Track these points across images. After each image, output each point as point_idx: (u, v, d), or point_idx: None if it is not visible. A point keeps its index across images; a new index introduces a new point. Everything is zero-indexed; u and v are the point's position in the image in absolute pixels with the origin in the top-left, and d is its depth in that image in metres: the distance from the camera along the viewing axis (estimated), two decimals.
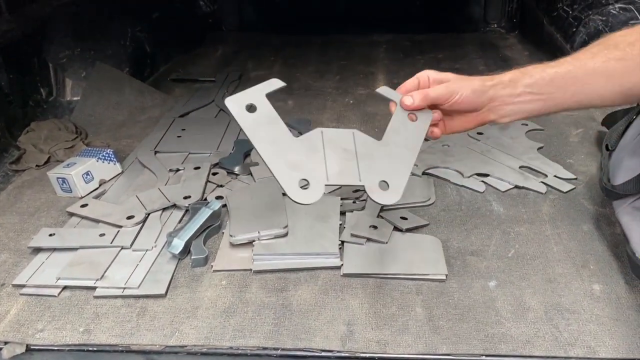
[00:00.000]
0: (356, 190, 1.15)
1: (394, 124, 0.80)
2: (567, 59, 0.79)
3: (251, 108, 0.74)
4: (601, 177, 1.05)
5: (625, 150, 1.02)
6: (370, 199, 0.75)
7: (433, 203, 1.14)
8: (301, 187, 0.72)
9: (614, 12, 1.63)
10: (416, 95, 0.79)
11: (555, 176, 1.20)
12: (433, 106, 0.82)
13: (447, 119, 0.85)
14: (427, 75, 0.82)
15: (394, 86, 1.87)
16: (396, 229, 1.04)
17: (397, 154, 0.78)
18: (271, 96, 0.79)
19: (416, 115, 0.80)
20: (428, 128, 0.81)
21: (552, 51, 1.94)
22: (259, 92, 0.75)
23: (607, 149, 1.10)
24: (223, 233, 1.07)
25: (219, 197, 1.16)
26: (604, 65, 0.76)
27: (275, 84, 0.78)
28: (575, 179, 1.19)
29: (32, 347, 0.83)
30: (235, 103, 0.74)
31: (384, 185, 0.75)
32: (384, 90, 0.82)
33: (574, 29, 1.76)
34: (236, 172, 1.27)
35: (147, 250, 1.02)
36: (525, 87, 0.78)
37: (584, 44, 1.70)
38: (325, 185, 0.73)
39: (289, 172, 0.73)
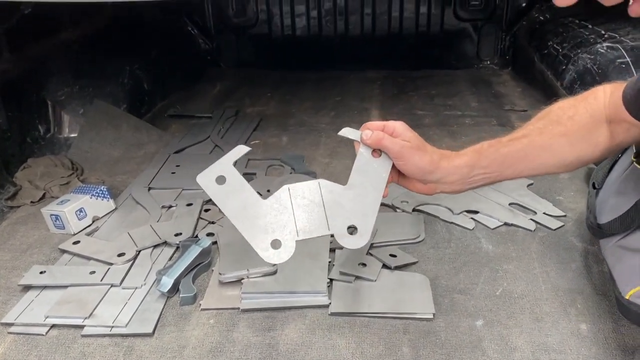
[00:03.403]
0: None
1: (359, 162, 0.80)
2: (518, 135, 0.84)
3: (220, 179, 0.77)
4: (588, 216, 1.06)
5: (611, 189, 1.03)
6: (340, 244, 0.77)
7: (423, 240, 1.14)
8: (273, 248, 0.76)
9: (602, 50, 1.66)
10: (374, 135, 0.79)
11: (544, 213, 1.21)
12: None
13: (400, 175, 0.85)
14: (394, 126, 0.81)
15: (387, 121, 1.88)
16: (385, 266, 1.04)
17: (363, 195, 0.79)
18: (266, 132, 0.80)
19: (380, 152, 0.80)
20: (391, 165, 0.80)
21: (543, 88, 1.97)
22: (226, 163, 0.78)
23: (593, 187, 1.11)
24: (213, 270, 1.07)
25: (210, 234, 1.17)
26: (549, 142, 0.83)
27: (241, 150, 0.79)
28: (565, 216, 1.20)
29: None
30: (205, 178, 0.78)
31: (353, 229, 0.78)
32: (346, 131, 0.82)
33: (564, 67, 1.80)
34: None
35: (136, 288, 1.02)
36: (480, 169, 0.82)
37: (573, 81, 1.74)
38: (296, 241, 0.76)
39: (260, 236, 0.76)
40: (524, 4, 2.41)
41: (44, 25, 1.69)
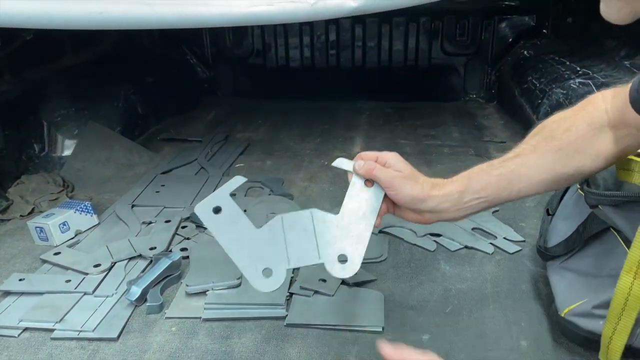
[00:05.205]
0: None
1: (351, 192, 0.82)
2: (510, 155, 0.82)
3: (216, 210, 0.80)
4: (538, 240, 1.11)
5: (561, 214, 1.09)
6: (331, 274, 0.79)
7: (385, 260, 1.20)
8: (265, 276, 0.78)
9: (574, 86, 1.73)
10: (365, 165, 0.81)
11: (504, 238, 1.26)
12: None
13: (395, 205, 0.85)
14: (387, 156, 0.83)
15: (370, 148, 1.96)
16: (344, 282, 1.09)
17: (355, 225, 0.80)
18: (252, 156, 0.83)
19: (372, 182, 0.82)
20: (383, 195, 0.81)
21: (523, 121, 2.04)
22: (223, 193, 0.81)
23: (547, 213, 1.16)
24: (182, 282, 1.13)
25: (183, 249, 1.23)
26: (543, 158, 0.80)
27: (238, 181, 0.82)
28: (524, 241, 1.25)
29: None
30: (202, 209, 0.80)
31: (343, 258, 0.79)
32: (339, 162, 0.84)
33: (539, 101, 1.87)
34: (204, 227, 1.34)
35: (107, 297, 1.08)
36: (472, 194, 0.81)
37: (547, 115, 1.80)
38: (287, 269, 0.78)
39: (252, 264, 0.78)
40: (510, 40, 2.50)
41: (44, 51, 1.80)
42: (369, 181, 0.82)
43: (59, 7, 1.00)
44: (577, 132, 0.80)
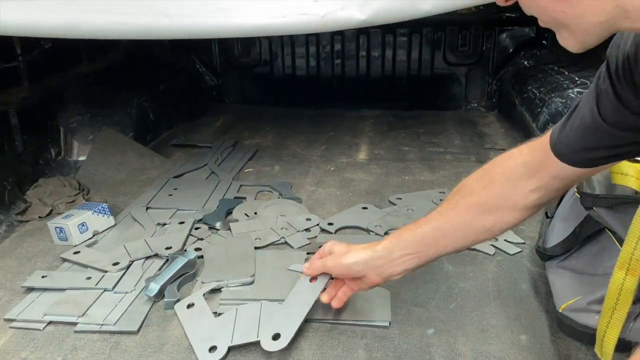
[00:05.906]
0: (321, 245, 1.26)
1: (298, 286, 1.02)
2: (433, 215, 0.92)
3: (190, 305, 1.06)
4: (537, 241, 1.17)
5: (558, 215, 1.14)
6: (264, 349, 0.94)
7: None
8: (209, 352, 0.94)
9: (572, 95, 1.79)
10: (309, 266, 0.99)
11: (505, 240, 1.31)
12: None
13: (352, 284, 0.98)
14: (325, 246, 0.99)
15: (374, 155, 2.01)
16: None
17: (294, 311, 0.98)
18: (261, 161, 0.99)
19: (316, 278, 1.00)
20: (323, 286, 1.00)
21: (523, 129, 2.10)
22: (198, 294, 1.09)
23: (546, 216, 1.22)
24: (197, 280, 1.18)
25: (197, 249, 1.29)
26: (463, 215, 0.88)
27: (211, 285, 1.12)
28: (524, 243, 1.30)
29: None
30: (180, 306, 1.07)
31: (277, 335, 0.95)
32: (294, 267, 1.16)
33: (539, 110, 1.93)
34: (217, 228, 1.40)
35: (126, 293, 1.13)
36: (401, 250, 0.90)
37: (546, 123, 1.87)
38: (229, 346, 0.95)
39: (203, 343, 0.97)
40: (510, 50, 2.57)
41: (61, 59, 1.87)
42: (314, 278, 1.01)
43: (85, 19, 1.07)
44: (494, 187, 0.86)
